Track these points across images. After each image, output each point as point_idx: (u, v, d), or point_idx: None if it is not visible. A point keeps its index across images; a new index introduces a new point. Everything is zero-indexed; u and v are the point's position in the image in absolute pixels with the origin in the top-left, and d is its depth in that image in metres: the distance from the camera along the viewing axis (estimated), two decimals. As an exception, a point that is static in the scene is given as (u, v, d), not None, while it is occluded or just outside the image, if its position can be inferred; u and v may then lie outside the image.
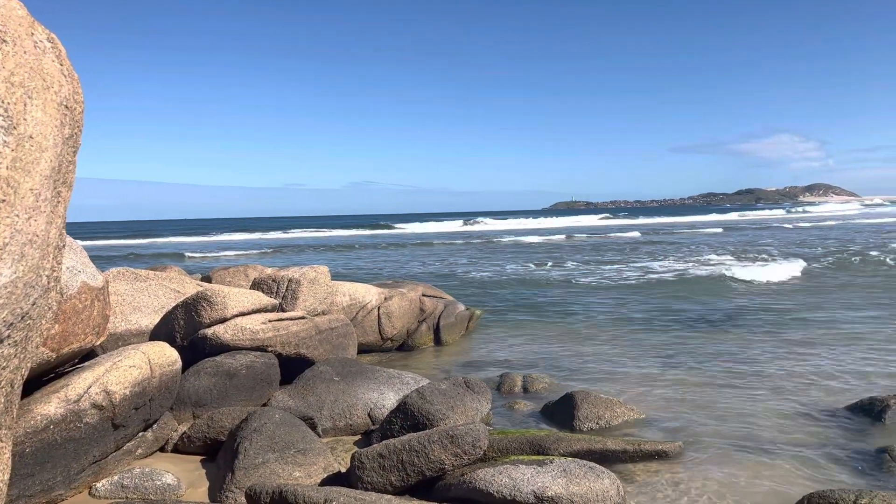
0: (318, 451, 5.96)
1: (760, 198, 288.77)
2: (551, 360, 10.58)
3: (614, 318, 14.12)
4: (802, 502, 5.19)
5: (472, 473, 5.10)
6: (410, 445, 5.40)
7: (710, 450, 6.58)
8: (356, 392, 7.52)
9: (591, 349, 11.23)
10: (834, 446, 6.63)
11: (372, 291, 11.37)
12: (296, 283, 9.45)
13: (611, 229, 63.02)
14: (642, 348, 11.17)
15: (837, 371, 9.32)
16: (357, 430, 7.29)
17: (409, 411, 6.58)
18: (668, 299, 16.59)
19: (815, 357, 10.14)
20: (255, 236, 64.12)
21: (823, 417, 7.47)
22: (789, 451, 6.53)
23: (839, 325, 12.46)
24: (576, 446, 6.21)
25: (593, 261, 28.24)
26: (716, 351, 10.78)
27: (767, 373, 9.36)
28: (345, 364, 8.17)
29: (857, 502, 4.86)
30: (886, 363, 9.66)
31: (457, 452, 5.35)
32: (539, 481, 4.83)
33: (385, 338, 11.30)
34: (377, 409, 7.40)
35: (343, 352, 9.10)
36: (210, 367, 7.46)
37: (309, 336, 8.52)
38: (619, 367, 9.97)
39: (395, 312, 11.36)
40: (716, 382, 8.98)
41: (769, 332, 12.18)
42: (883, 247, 29.28)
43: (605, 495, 4.82)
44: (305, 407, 7.19)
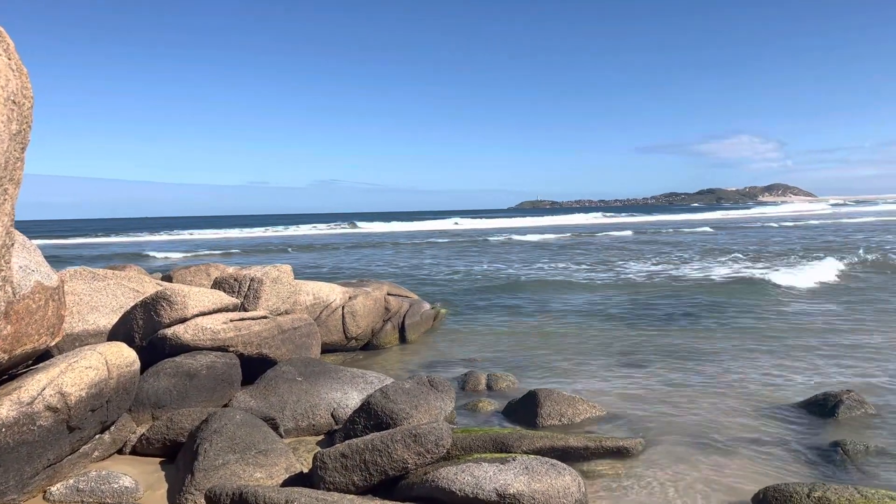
0: (279, 452, 5.90)
1: (721, 197, 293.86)
2: (516, 358, 10.63)
3: (583, 317, 14.22)
4: (759, 496, 5.31)
5: (434, 472, 5.09)
6: (373, 445, 5.38)
7: (670, 446, 6.67)
8: (319, 392, 7.47)
9: (557, 347, 11.31)
10: (790, 441, 6.78)
11: (336, 290, 11.30)
12: (258, 282, 9.35)
13: (606, 227, 63.00)
14: (607, 347, 11.28)
15: (797, 368, 9.53)
16: (320, 430, 7.24)
17: (372, 411, 6.55)
18: (639, 298, 16.77)
19: (776, 354, 10.36)
20: (218, 235, 63.25)
21: (781, 413, 7.63)
22: (747, 446, 6.66)
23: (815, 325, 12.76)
24: (538, 444, 6.25)
25: (588, 262, 28.45)
26: (679, 349, 10.94)
27: (729, 370, 9.52)
28: (308, 364, 8.11)
29: (811, 495, 4.98)
30: (849, 360, 9.90)
31: (420, 451, 5.34)
32: (501, 479, 4.84)
33: (349, 337, 11.24)
34: (340, 409, 7.36)
35: (306, 351, 9.02)
36: (170, 367, 7.33)
37: (271, 336, 8.44)
38: (583, 365, 10.06)
39: (359, 311, 11.30)
40: (678, 380, 9.12)
41: (734, 330, 12.40)
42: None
43: (566, 492, 4.86)
44: (267, 407, 7.12)
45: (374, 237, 54.12)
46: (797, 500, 4.98)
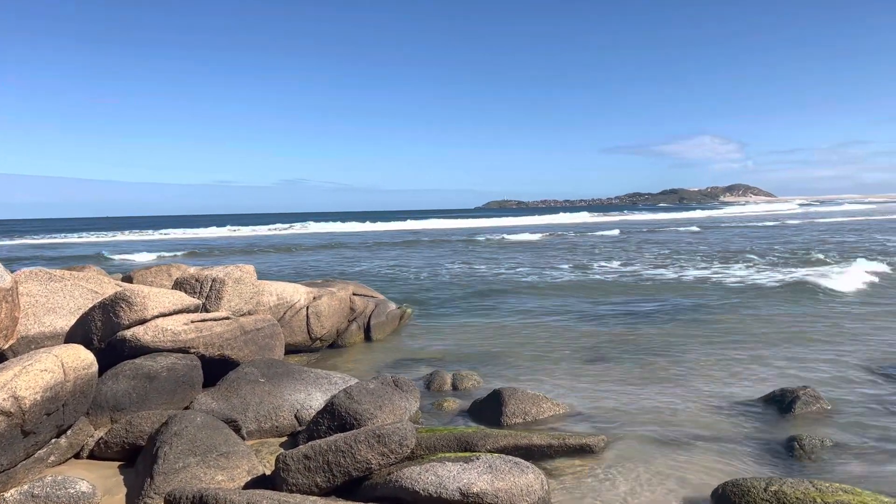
0: (241, 454, 5.84)
1: (684, 197, 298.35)
2: (482, 357, 10.66)
3: (550, 317, 14.30)
4: (718, 491, 5.40)
5: (398, 472, 5.09)
6: (337, 446, 5.35)
7: (633, 442, 6.76)
8: (282, 393, 7.41)
9: (523, 346, 11.35)
10: (749, 436, 6.91)
11: (300, 291, 11.21)
12: (220, 282, 9.23)
13: (595, 227, 62.75)
14: (574, 346, 11.35)
15: (759, 365, 9.71)
16: (283, 431, 7.18)
17: (336, 412, 6.52)
18: (604, 297, 16.93)
19: (736, 348, 10.55)
20: (181, 235, 62.29)
21: (740, 409, 7.77)
22: (708, 441, 6.77)
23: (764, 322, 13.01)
24: (502, 442, 6.28)
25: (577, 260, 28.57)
26: (643, 347, 11.07)
27: (691, 367, 9.67)
28: (271, 365, 8.04)
29: (768, 489, 5.08)
30: (808, 357, 10.12)
31: (384, 452, 5.33)
32: (465, 478, 4.86)
33: (314, 338, 11.16)
34: (304, 410, 7.30)
35: (270, 353, 8.94)
36: (129, 369, 7.21)
37: (234, 337, 8.34)
38: (549, 364, 10.13)
39: (324, 312, 11.22)
40: (642, 377, 9.23)
41: (698, 328, 12.59)
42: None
43: (529, 489, 4.89)
44: (229, 409, 7.03)
45: (341, 237, 53.80)
46: (755, 494, 5.08)
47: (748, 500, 5.06)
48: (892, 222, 54.62)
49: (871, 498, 4.90)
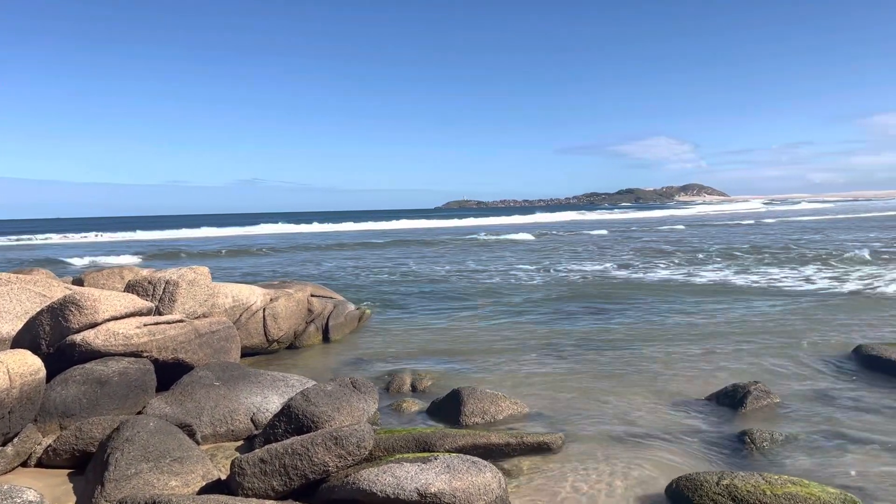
0: (196, 459, 5.74)
1: (640, 197, 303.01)
2: (442, 357, 10.67)
3: (511, 316, 14.36)
4: (672, 486, 5.50)
5: (355, 474, 5.06)
6: (293, 449, 5.30)
7: (590, 440, 6.84)
8: (238, 396, 7.31)
9: (484, 346, 11.40)
10: (702, 431, 7.05)
11: (256, 292, 11.07)
12: (173, 284, 9.06)
13: (583, 226, 62.55)
14: (533, 344, 11.45)
15: (713, 361, 9.91)
16: (239, 435, 7.08)
17: (293, 414, 6.45)
18: (569, 297, 17.05)
19: (690, 345, 10.76)
20: (133, 237, 60.95)
21: (695, 405, 7.93)
22: (663, 437, 6.89)
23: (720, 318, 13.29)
24: (461, 442, 6.30)
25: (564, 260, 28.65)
26: (602, 345, 11.21)
27: (647, 364, 9.83)
28: (226, 368, 7.92)
29: (720, 483, 5.20)
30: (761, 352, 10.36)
31: (341, 454, 5.29)
32: (422, 478, 4.85)
33: (271, 340, 11.03)
34: (260, 414, 7.22)
35: (225, 355, 8.81)
36: (79, 374, 7.03)
37: (188, 340, 8.20)
38: (508, 363, 10.19)
39: (281, 314, 11.10)
40: (599, 375, 9.35)
41: (658, 326, 12.80)
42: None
43: (487, 488, 4.90)
44: (183, 414, 6.91)
45: (300, 238, 53.27)
46: (707, 488, 5.19)
47: (701, 494, 5.17)
48: (867, 220, 56.04)
49: (818, 489, 5.04)
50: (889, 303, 14.41)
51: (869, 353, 9.43)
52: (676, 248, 30.78)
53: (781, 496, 4.92)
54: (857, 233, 38.05)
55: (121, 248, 44.18)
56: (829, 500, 4.88)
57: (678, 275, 20.61)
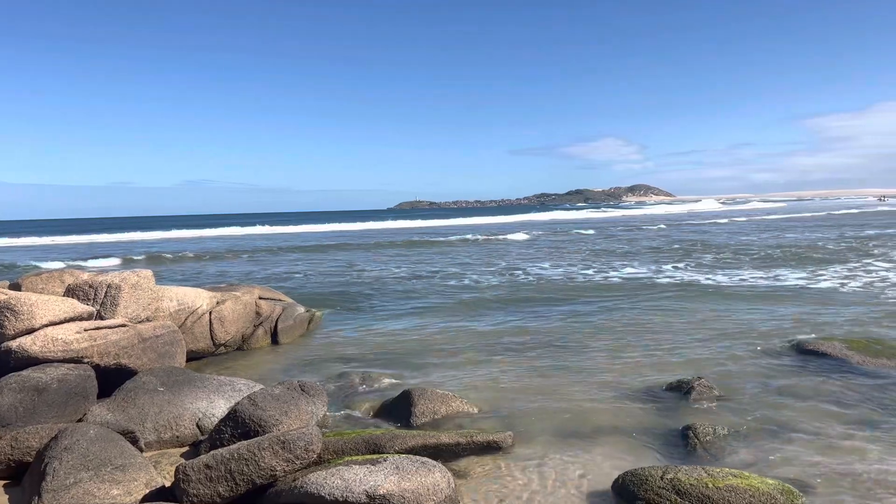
0: (139, 467, 5.60)
1: (589, 198, 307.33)
2: (393, 358, 10.63)
3: (461, 317, 14.39)
4: (618, 481, 5.60)
5: (303, 478, 5.01)
6: (239, 454, 5.22)
7: (540, 437, 6.91)
8: (183, 402, 7.16)
9: (434, 346, 11.40)
10: (648, 427, 7.19)
11: (202, 295, 10.85)
12: (116, 288, 8.82)
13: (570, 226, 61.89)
14: (484, 344, 11.50)
15: (660, 357, 10.11)
16: (185, 441, 6.94)
17: (239, 419, 6.35)
18: (523, 297, 17.15)
19: (638, 343, 10.96)
20: (74, 240, 59.09)
21: (641, 401, 8.07)
22: (610, 434, 7.01)
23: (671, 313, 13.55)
24: (411, 443, 6.29)
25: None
26: (554, 343, 11.32)
27: (596, 361, 9.97)
28: (171, 373, 7.75)
29: (664, 477, 5.31)
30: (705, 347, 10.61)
31: (289, 458, 5.24)
32: (371, 480, 4.83)
33: (218, 344, 10.83)
34: (206, 419, 7.08)
35: (170, 360, 8.62)
36: (15, 382, 6.78)
37: (131, 345, 8.00)
38: (459, 363, 10.21)
39: (228, 317, 10.91)
40: (550, 373, 9.45)
41: (607, 324, 12.98)
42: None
43: (436, 489, 4.91)
44: (126, 420, 6.74)
45: (250, 240, 52.44)
46: (652, 482, 5.29)
47: (646, 488, 5.27)
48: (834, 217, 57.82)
49: (758, 481, 5.19)
50: (842, 297, 14.93)
51: (807, 347, 9.76)
52: (695, 248, 31.32)
53: (723, 489, 5.05)
54: (830, 231, 39.37)
55: (61, 250, 42.84)
56: (767, 492, 5.03)
57: (653, 273, 21.00)
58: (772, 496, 4.97)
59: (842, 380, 8.56)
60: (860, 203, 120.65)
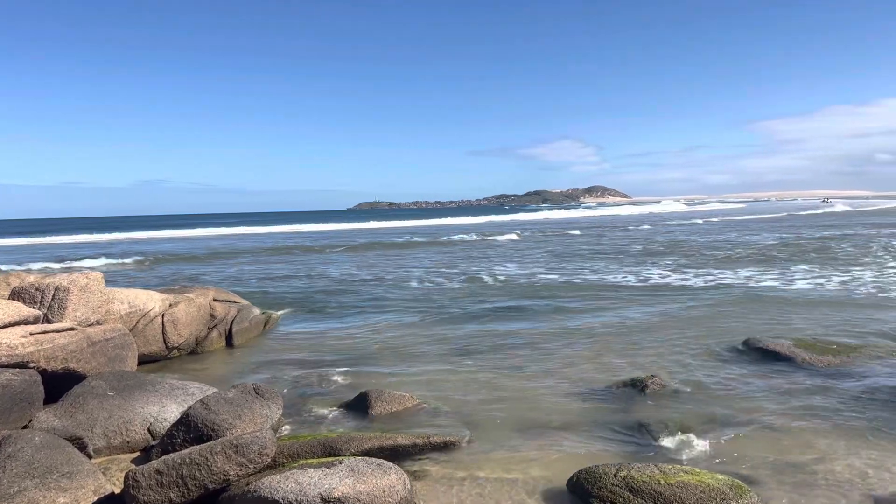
0: (87, 474, 5.46)
1: (547, 199, 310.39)
2: (350, 359, 10.56)
3: (420, 317, 14.36)
4: (573, 479, 5.65)
5: (257, 482, 4.94)
6: (191, 459, 5.13)
7: (496, 436, 6.95)
8: (134, 406, 7.00)
9: (392, 347, 11.37)
10: (603, 425, 7.27)
11: (155, 298, 10.63)
12: (64, 290, 8.59)
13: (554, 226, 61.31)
14: (441, 344, 11.51)
15: (617, 356, 10.24)
16: (135, 447, 6.79)
17: (192, 423, 6.24)
18: (482, 298, 17.19)
19: (596, 343, 11.08)
20: (22, 241, 57.36)
21: (596, 399, 8.17)
22: (566, 432, 7.08)
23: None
24: (367, 445, 6.26)
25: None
26: (511, 343, 11.39)
27: (552, 360, 10.06)
28: (121, 377, 7.58)
29: (618, 475, 5.38)
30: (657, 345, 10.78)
31: (242, 462, 5.16)
32: (326, 483, 4.79)
33: (170, 347, 10.62)
34: (158, 424, 6.94)
35: (121, 364, 8.43)
36: (-45, 389, 6.55)
37: (79, 349, 7.79)
38: (416, 363, 10.21)
39: (181, 319, 10.71)
40: (507, 373, 9.50)
41: (563, 324, 13.09)
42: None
43: (391, 490, 4.89)
44: (74, 426, 6.56)
45: (205, 241, 51.59)
46: (606, 480, 5.36)
47: (600, 486, 5.33)
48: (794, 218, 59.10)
49: (708, 477, 5.30)
50: (793, 299, 15.34)
51: (755, 345, 10.01)
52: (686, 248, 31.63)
53: (674, 485, 5.14)
54: (805, 230, 40.32)
55: (5, 252, 41.59)
56: (717, 487, 5.13)
57: (628, 273, 21.21)
58: (721, 491, 5.08)
59: (789, 376, 8.80)
60: (813, 204, 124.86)
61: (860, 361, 9.31)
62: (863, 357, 9.51)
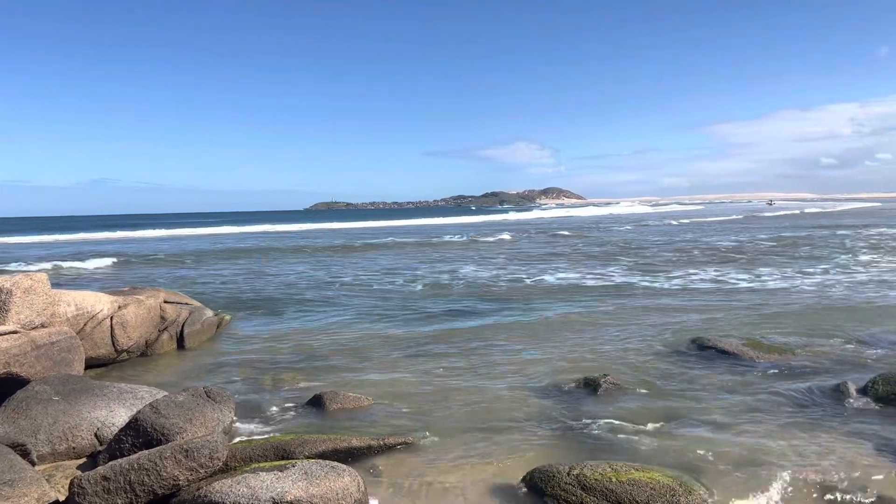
0: (29, 481, 5.29)
1: (504, 200, 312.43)
2: (305, 361, 10.46)
3: (376, 319, 14.28)
4: (526, 477, 5.71)
5: (207, 487, 4.86)
6: (140, 464, 5.03)
7: (452, 436, 6.97)
8: (80, 411, 6.81)
9: (346, 349, 11.30)
10: (557, 422, 7.35)
11: (103, 300, 10.37)
12: (6, 293, 8.31)
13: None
14: (396, 345, 11.48)
15: (570, 355, 10.35)
16: (82, 453, 6.61)
17: (141, 428, 6.11)
18: (435, 298, 17.21)
19: (554, 343, 11.18)
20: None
21: (551, 398, 8.26)
22: (520, 431, 7.14)
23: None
24: (321, 447, 6.22)
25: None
26: (466, 344, 11.41)
27: (508, 360, 10.12)
28: (67, 381, 7.37)
29: (570, 473, 5.45)
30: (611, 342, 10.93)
31: (192, 467, 5.08)
32: (278, 487, 4.74)
33: (120, 350, 10.36)
34: (105, 429, 6.77)
35: (67, 368, 8.20)
36: None
37: (23, 353, 7.56)
38: (372, 364, 10.17)
39: (130, 322, 10.46)
40: (463, 373, 9.53)
41: (519, 324, 13.19)
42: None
43: (345, 493, 4.86)
44: (16, 432, 6.35)
45: (157, 242, 50.49)
46: (559, 478, 5.42)
47: (553, 484, 5.40)
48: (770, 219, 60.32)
49: (658, 474, 5.40)
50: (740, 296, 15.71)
51: (705, 343, 10.24)
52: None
53: (626, 482, 5.23)
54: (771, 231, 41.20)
55: None
56: (667, 483, 5.24)
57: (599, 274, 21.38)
58: (671, 488, 5.18)
59: (737, 373, 9.02)
60: (762, 206, 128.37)
61: (804, 359, 9.60)
62: (806, 354, 9.81)
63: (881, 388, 7.68)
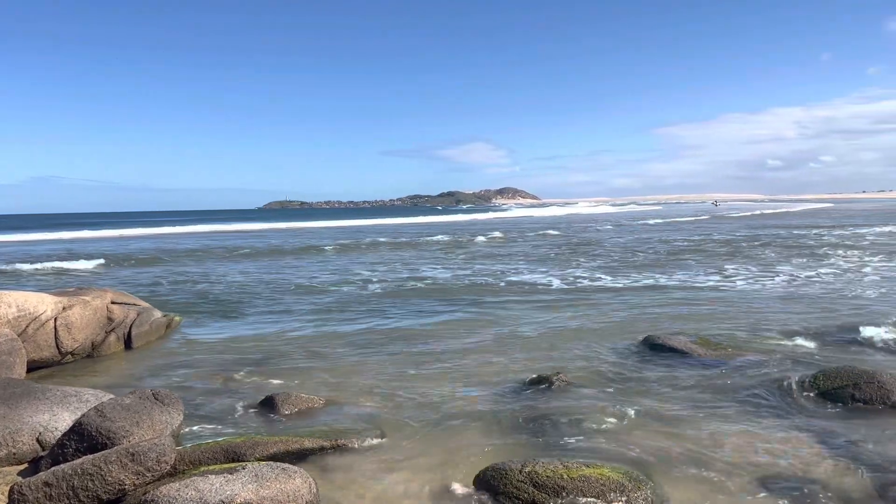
0: (-34, 489, 5.12)
1: (460, 199, 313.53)
2: (257, 362, 10.32)
3: (329, 319, 14.17)
4: (479, 475, 5.73)
5: (154, 491, 4.76)
6: (83, 469, 4.90)
7: (407, 436, 6.96)
8: (21, 416, 6.60)
9: (299, 349, 11.20)
10: (511, 421, 7.40)
11: (46, 301, 10.06)
12: (-58, 294, 8.01)
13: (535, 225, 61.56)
14: (349, 344, 11.42)
15: (524, 354, 10.43)
16: (23, 458, 6.40)
17: (85, 431, 5.94)
18: (389, 299, 17.14)
19: (508, 342, 11.26)
20: None
21: (505, 396, 8.30)
22: (475, 428, 7.17)
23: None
24: (272, 449, 6.15)
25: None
26: (421, 342, 11.42)
27: (463, 360, 10.15)
28: (7, 385, 7.13)
29: (523, 470, 5.49)
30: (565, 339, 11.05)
31: (139, 470, 4.97)
32: (228, 490, 4.66)
33: (64, 352, 10.07)
34: (48, 433, 6.57)
35: (8, 371, 7.95)
36: None
37: (-40, 356, 7.29)
38: (325, 364, 10.09)
39: (75, 323, 10.17)
40: (417, 371, 9.52)
41: (474, 323, 13.22)
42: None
43: (296, 495, 4.81)
44: (-47, 439, 6.13)
45: (106, 242, 49.23)
46: (511, 476, 5.46)
47: (506, 482, 5.43)
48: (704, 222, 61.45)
49: (608, 470, 5.49)
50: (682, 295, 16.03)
51: (655, 341, 10.43)
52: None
53: (577, 479, 5.29)
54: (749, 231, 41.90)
55: None
56: (617, 479, 5.32)
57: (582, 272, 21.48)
58: (621, 483, 5.26)
59: (686, 370, 9.21)
60: (709, 207, 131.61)
61: (751, 355, 9.84)
62: (753, 351, 10.05)
63: (822, 382, 7.94)
